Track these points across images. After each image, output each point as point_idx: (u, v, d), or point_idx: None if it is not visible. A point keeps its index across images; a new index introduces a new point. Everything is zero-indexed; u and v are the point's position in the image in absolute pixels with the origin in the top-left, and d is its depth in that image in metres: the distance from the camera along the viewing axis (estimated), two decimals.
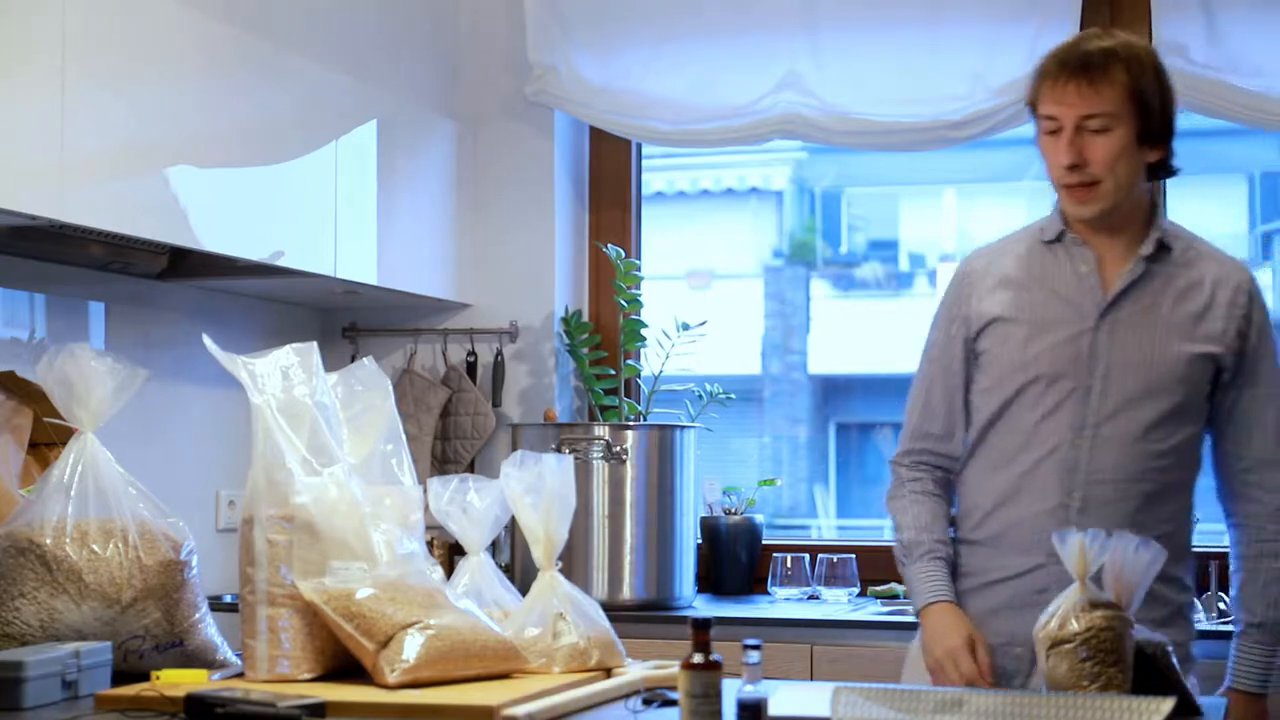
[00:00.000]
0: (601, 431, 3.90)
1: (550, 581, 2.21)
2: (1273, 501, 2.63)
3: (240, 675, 2.10)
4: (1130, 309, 2.61)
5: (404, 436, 2.28)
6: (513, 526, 3.78)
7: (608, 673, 2.18)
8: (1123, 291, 2.61)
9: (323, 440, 2.13)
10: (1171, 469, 2.60)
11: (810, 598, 3.98)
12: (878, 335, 5.03)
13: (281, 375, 2.14)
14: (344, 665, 2.08)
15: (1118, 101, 2.56)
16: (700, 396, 4.24)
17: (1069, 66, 2.57)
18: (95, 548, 2.16)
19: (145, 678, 2.05)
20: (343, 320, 4.53)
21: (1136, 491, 2.58)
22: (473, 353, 4.46)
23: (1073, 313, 2.62)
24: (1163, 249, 2.63)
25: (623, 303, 4.27)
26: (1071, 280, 2.64)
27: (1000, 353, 2.64)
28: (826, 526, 4.90)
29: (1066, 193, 2.60)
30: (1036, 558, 2.58)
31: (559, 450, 3.84)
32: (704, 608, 3.90)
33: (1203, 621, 3.76)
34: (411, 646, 2.00)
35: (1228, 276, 2.64)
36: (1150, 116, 2.59)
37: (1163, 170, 2.65)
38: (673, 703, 1.96)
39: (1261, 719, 2.60)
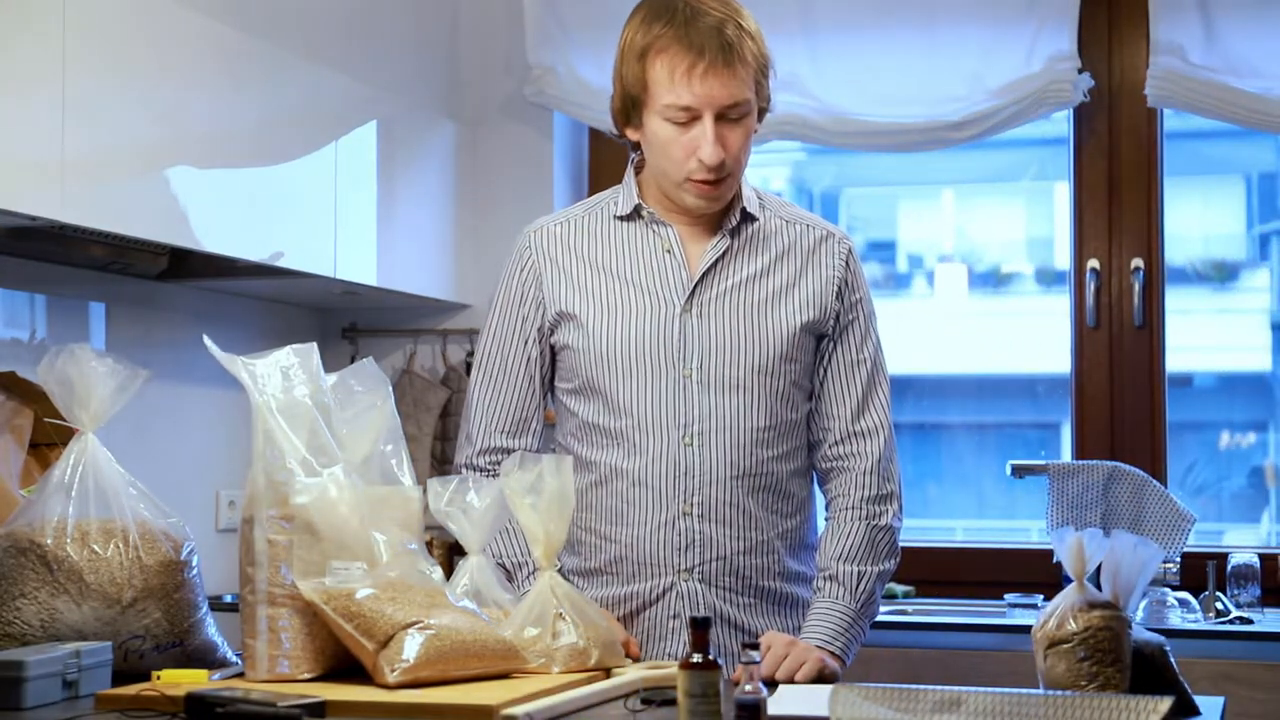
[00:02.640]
0: None
1: (550, 581, 2.21)
2: (866, 462, 2.45)
3: (240, 675, 2.10)
4: (720, 287, 2.40)
5: (404, 437, 2.28)
6: None
7: (607, 673, 2.19)
8: (708, 269, 2.40)
9: (323, 440, 2.14)
10: (791, 456, 2.43)
11: None
12: None
13: (281, 376, 2.15)
14: (344, 665, 2.08)
15: (750, 85, 2.35)
16: None
17: (707, 52, 2.29)
18: (96, 548, 2.16)
19: (145, 678, 2.06)
20: (342, 321, 4.54)
21: (758, 486, 2.40)
22: (472, 353, 4.47)
23: (657, 297, 2.40)
24: (748, 219, 2.44)
25: None
26: (653, 261, 2.42)
27: (583, 347, 2.41)
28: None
29: (696, 188, 2.36)
30: (666, 578, 2.41)
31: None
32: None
33: (1200, 621, 3.77)
34: (411, 646, 2.00)
35: (823, 238, 2.46)
36: (765, 91, 2.39)
37: None
38: (672, 702, 1.96)
39: (831, 675, 2.33)
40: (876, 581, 2.45)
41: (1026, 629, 2.06)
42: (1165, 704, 1.70)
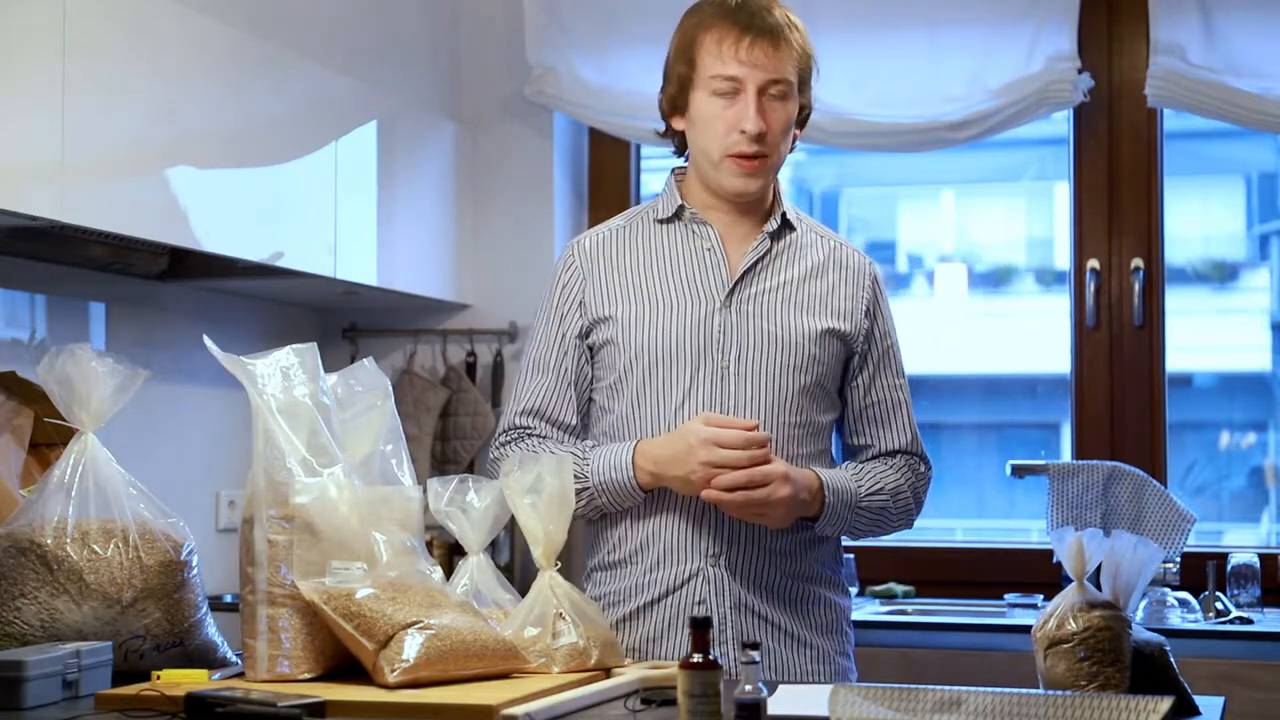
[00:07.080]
0: None
1: (550, 581, 2.21)
2: (919, 466, 2.56)
3: (240, 675, 2.10)
4: (758, 287, 2.48)
5: (404, 437, 2.28)
6: (512, 526, 3.78)
7: (607, 673, 2.19)
8: (749, 269, 2.48)
9: (323, 440, 2.14)
10: (817, 458, 2.47)
11: None
12: None
13: (281, 375, 2.15)
14: (344, 665, 2.08)
15: (794, 71, 2.45)
16: None
17: (754, 27, 2.41)
18: (96, 548, 2.16)
19: (145, 678, 2.06)
20: (342, 321, 4.54)
21: None
22: (472, 353, 4.47)
23: (698, 293, 2.47)
24: (787, 228, 2.52)
25: None
26: (693, 259, 2.49)
27: (624, 342, 2.46)
28: None
29: (736, 163, 2.44)
30: (693, 564, 2.43)
31: None
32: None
33: (1200, 621, 3.77)
34: (411, 646, 2.00)
35: (850, 259, 2.54)
36: (807, 92, 2.49)
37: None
38: (672, 702, 1.96)
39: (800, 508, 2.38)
40: (891, 493, 2.50)
41: (1026, 629, 2.06)
42: (1165, 704, 1.70)
